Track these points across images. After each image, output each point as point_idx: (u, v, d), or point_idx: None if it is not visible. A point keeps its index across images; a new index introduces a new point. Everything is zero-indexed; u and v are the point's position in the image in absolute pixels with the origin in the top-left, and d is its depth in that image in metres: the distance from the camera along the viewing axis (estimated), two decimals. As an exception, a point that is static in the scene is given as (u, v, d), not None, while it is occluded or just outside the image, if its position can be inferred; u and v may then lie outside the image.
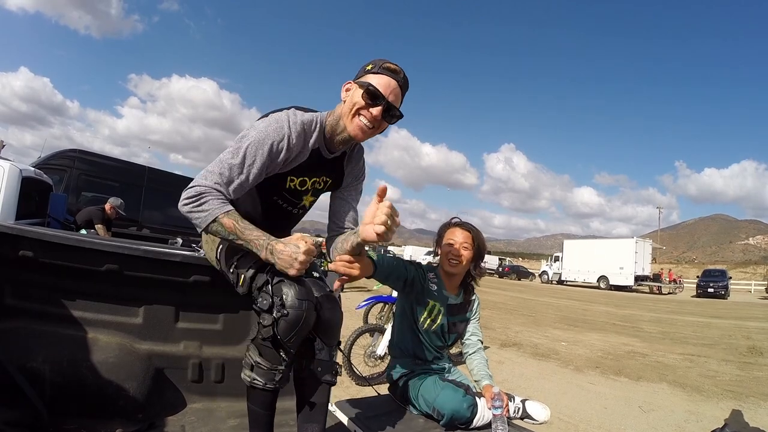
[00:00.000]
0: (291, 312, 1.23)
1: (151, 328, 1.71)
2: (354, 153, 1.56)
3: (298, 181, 1.43)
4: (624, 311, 13.08)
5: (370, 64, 1.36)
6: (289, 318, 1.23)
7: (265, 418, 1.38)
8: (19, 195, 4.06)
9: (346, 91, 1.37)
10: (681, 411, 3.75)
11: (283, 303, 1.23)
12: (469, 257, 1.94)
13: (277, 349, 1.29)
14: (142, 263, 1.64)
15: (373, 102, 1.31)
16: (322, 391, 1.41)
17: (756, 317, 12.64)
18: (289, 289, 1.25)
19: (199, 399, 1.73)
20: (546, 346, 6.34)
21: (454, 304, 2.00)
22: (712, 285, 23.24)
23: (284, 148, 1.30)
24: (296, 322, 1.24)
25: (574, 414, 3.50)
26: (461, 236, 1.95)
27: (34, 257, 1.52)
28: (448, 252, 1.94)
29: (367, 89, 1.30)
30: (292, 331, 1.24)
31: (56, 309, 1.60)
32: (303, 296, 1.26)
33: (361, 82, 1.33)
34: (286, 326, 1.23)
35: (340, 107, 1.39)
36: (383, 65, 1.34)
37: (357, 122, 1.34)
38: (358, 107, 1.33)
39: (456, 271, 1.95)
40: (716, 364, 5.77)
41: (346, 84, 1.38)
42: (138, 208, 7.38)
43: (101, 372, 1.54)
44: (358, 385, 3.50)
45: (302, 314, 1.24)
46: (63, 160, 6.90)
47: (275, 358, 1.30)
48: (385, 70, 1.33)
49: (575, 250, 30.42)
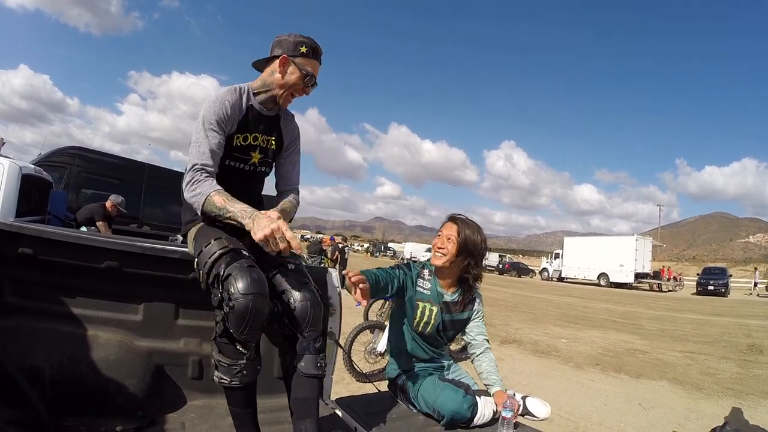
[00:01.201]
0: (236, 305, 1.24)
1: (151, 326, 1.71)
2: (286, 114, 1.72)
3: (242, 137, 1.56)
4: (624, 308, 13.10)
5: (302, 45, 1.52)
6: (236, 310, 1.24)
7: (245, 415, 1.38)
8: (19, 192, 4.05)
9: (282, 65, 1.52)
10: (681, 408, 3.76)
11: (230, 296, 1.25)
12: (453, 251, 1.88)
13: (233, 343, 1.30)
14: (142, 260, 1.64)
15: (306, 84, 1.55)
16: (310, 386, 1.40)
17: (756, 315, 12.64)
18: (237, 281, 1.25)
19: (199, 396, 1.73)
20: (546, 343, 6.34)
21: (450, 301, 1.95)
22: (713, 283, 23.24)
23: (227, 108, 1.47)
24: (242, 315, 1.24)
25: (574, 411, 3.50)
26: (448, 228, 1.92)
27: (33, 254, 1.52)
28: (434, 244, 1.94)
29: (306, 76, 1.53)
30: (242, 323, 1.25)
31: (56, 306, 1.60)
32: (249, 289, 1.25)
33: (299, 65, 1.52)
34: (234, 320, 1.25)
35: (270, 75, 1.55)
36: (315, 49, 1.54)
37: (289, 98, 1.58)
38: (294, 88, 1.55)
39: (439, 263, 1.90)
40: (716, 362, 5.78)
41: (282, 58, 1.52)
42: (138, 205, 7.36)
43: (101, 369, 1.54)
44: (359, 381, 3.50)
45: (247, 306, 1.23)
46: (63, 158, 6.88)
47: (234, 354, 1.31)
48: (316, 56, 1.55)
49: (575, 247, 30.43)
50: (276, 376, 1.89)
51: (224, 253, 1.33)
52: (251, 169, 1.63)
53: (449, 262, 1.89)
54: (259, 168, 1.65)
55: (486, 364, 1.92)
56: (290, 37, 1.53)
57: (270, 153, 1.66)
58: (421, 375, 1.89)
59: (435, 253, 1.91)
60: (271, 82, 1.56)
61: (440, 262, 1.90)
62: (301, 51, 1.51)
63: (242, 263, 1.30)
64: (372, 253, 56.04)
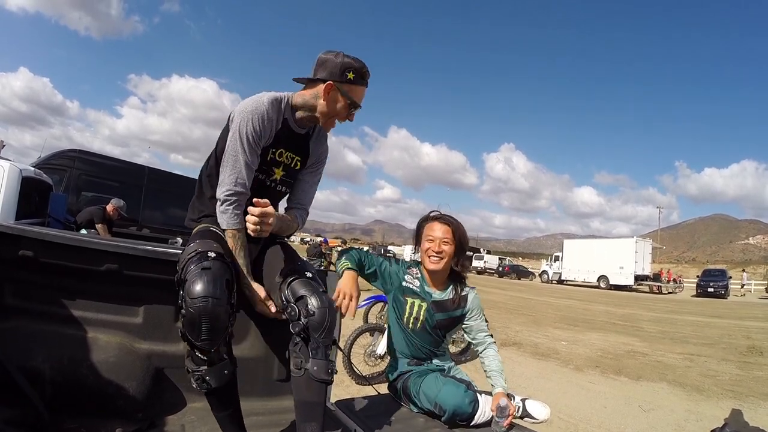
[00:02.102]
0: (188, 312, 1.23)
1: (151, 328, 1.71)
2: (319, 134, 1.68)
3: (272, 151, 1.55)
4: (624, 311, 13.09)
5: (350, 71, 1.45)
6: (187, 318, 1.23)
7: (224, 418, 1.38)
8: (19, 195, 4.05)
9: (327, 92, 1.46)
10: (681, 410, 3.75)
11: (185, 299, 1.24)
12: (451, 252, 1.85)
13: (193, 350, 1.29)
14: (142, 263, 1.64)
15: (351, 113, 1.52)
16: (319, 390, 1.37)
17: (756, 317, 12.64)
18: (189, 287, 1.24)
19: (199, 398, 1.73)
20: (546, 346, 6.34)
21: (440, 300, 1.91)
22: (712, 285, 23.24)
23: (265, 121, 1.44)
24: (193, 320, 1.22)
25: (574, 413, 3.50)
26: (441, 231, 1.86)
27: (34, 257, 1.52)
28: (428, 249, 1.86)
29: (352, 105, 1.49)
30: (193, 330, 1.23)
31: (56, 308, 1.60)
32: (196, 293, 1.22)
33: (345, 94, 1.46)
34: (187, 326, 1.24)
35: (314, 99, 1.50)
36: (363, 74, 1.48)
37: (332, 124, 1.55)
38: (341, 117, 1.52)
39: (437, 268, 1.85)
40: (716, 364, 5.77)
41: (328, 85, 1.46)
42: (138, 207, 7.37)
43: (101, 371, 1.54)
44: (359, 384, 3.50)
45: (197, 312, 1.21)
46: (63, 160, 6.90)
47: (198, 360, 1.30)
48: (363, 81, 1.49)
49: (575, 249, 30.42)
50: (276, 379, 1.89)
51: (192, 257, 1.31)
52: (272, 185, 1.61)
53: (447, 264, 1.87)
54: (278, 186, 1.64)
55: (492, 363, 1.90)
56: (337, 59, 1.44)
57: (292, 172, 1.64)
58: (421, 374, 1.89)
59: (430, 258, 1.85)
60: (313, 106, 1.51)
61: (440, 266, 1.85)
62: (348, 78, 1.45)
63: (198, 266, 1.27)
64: (372, 256, 55.95)
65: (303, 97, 1.52)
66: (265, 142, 1.49)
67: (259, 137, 1.44)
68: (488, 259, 41.96)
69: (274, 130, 1.49)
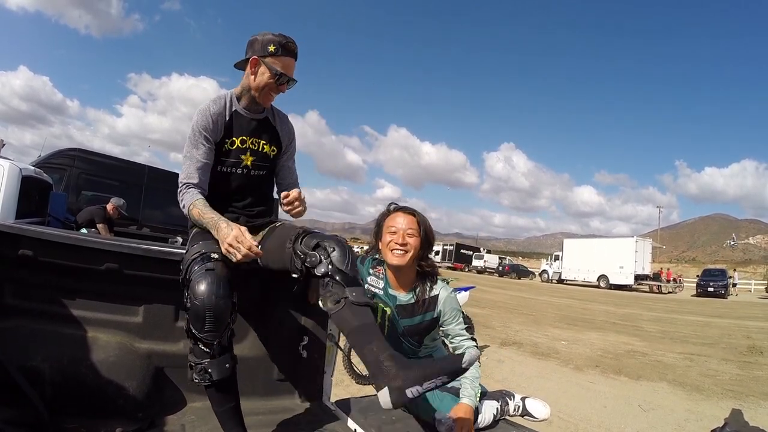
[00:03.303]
0: (191, 307, 1.31)
1: (151, 327, 1.71)
2: (278, 115, 1.77)
3: (229, 142, 1.61)
4: (624, 310, 13.09)
5: (271, 44, 1.53)
6: (191, 312, 1.31)
7: (223, 413, 1.40)
8: (19, 194, 4.05)
9: (252, 66, 1.57)
10: (681, 410, 3.76)
11: (191, 297, 1.32)
12: (416, 245, 1.66)
13: (197, 343, 1.34)
14: (142, 262, 1.64)
15: (279, 83, 1.58)
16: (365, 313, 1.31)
17: (756, 317, 12.64)
18: (195, 286, 1.32)
19: (199, 398, 1.73)
20: (546, 345, 6.34)
21: (405, 303, 1.72)
22: (712, 284, 23.24)
23: (209, 117, 1.54)
24: (196, 314, 1.30)
25: (573, 413, 3.50)
26: (404, 222, 1.68)
27: (33, 256, 1.52)
28: (390, 241, 1.66)
29: (276, 75, 1.55)
30: (198, 321, 1.30)
31: (56, 308, 1.60)
32: (204, 293, 1.30)
33: (269, 65, 1.54)
34: (191, 319, 1.32)
35: (246, 78, 1.60)
36: (285, 46, 1.55)
37: (266, 96, 1.61)
38: (268, 88, 1.58)
39: (402, 262, 1.65)
40: (716, 364, 5.78)
41: (252, 60, 1.56)
42: (138, 206, 7.36)
43: (101, 371, 1.54)
44: (358, 384, 3.50)
45: (201, 307, 1.29)
46: (63, 159, 6.89)
47: (200, 353, 1.35)
48: (286, 52, 1.55)
49: (575, 249, 30.41)
50: (275, 378, 1.89)
51: (195, 258, 1.39)
52: (245, 172, 1.66)
53: (413, 258, 1.68)
54: (253, 171, 1.68)
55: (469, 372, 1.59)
56: (260, 37, 1.55)
57: (264, 156, 1.70)
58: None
59: (394, 251, 1.65)
60: (246, 85, 1.61)
61: (404, 260, 1.65)
62: (270, 50, 1.54)
63: (201, 267, 1.35)
64: (372, 255, 55.94)
65: (240, 83, 1.64)
66: (217, 136, 1.58)
67: (205, 131, 1.54)
68: (488, 258, 41.96)
69: (222, 124, 1.59)
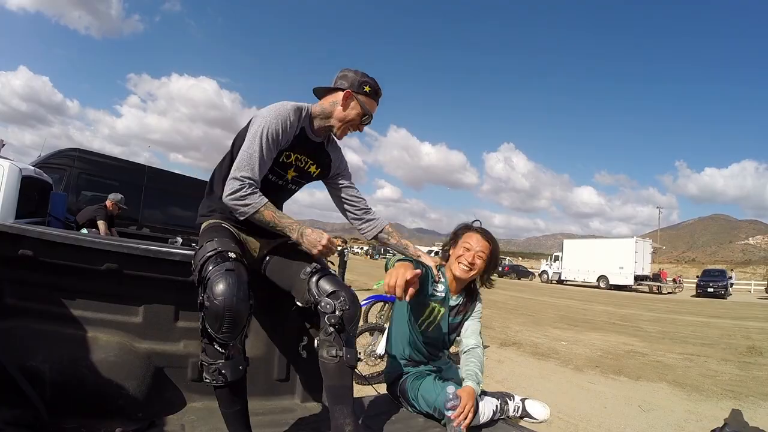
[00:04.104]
0: (210, 306, 1.30)
1: (151, 327, 1.71)
2: (333, 143, 1.80)
3: (285, 155, 1.62)
4: (624, 311, 13.09)
5: (367, 85, 1.60)
6: (209, 312, 1.30)
7: (232, 415, 1.40)
8: (19, 194, 4.05)
9: (345, 99, 1.59)
10: (680, 410, 3.75)
11: (209, 296, 1.31)
12: (481, 267, 1.87)
13: (212, 343, 1.34)
14: (142, 262, 1.64)
15: (363, 122, 1.64)
16: (348, 375, 1.48)
17: (756, 317, 12.64)
18: (214, 285, 1.31)
19: (199, 398, 1.73)
20: (546, 346, 6.34)
21: (454, 305, 1.95)
22: (712, 285, 23.25)
23: (287, 126, 1.53)
24: (215, 316, 1.29)
25: (573, 413, 3.50)
26: (479, 244, 1.87)
27: (34, 256, 1.52)
28: (461, 256, 1.87)
29: (365, 114, 1.62)
30: (215, 324, 1.30)
31: (56, 308, 1.60)
32: (223, 292, 1.30)
33: (361, 103, 1.60)
34: (209, 320, 1.31)
35: (331, 106, 1.61)
36: (377, 92, 1.63)
37: (346, 130, 1.65)
38: (352, 123, 1.62)
39: (465, 276, 1.87)
40: (716, 364, 5.78)
41: (347, 93, 1.59)
42: (138, 207, 7.37)
43: (101, 371, 1.54)
44: (358, 384, 3.49)
45: (220, 308, 1.29)
46: (63, 159, 6.89)
47: (213, 353, 1.35)
48: (376, 97, 1.64)
49: (575, 249, 30.42)
50: (276, 379, 1.89)
51: (212, 256, 1.39)
52: (283, 184, 1.70)
53: (474, 276, 1.89)
54: (290, 185, 1.73)
55: (466, 361, 1.86)
56: (357, 75, 1.60)
57: (306, 175, 1.74)
58: (419, 376, 1.88)
59: (461, 266, 1.85)
60: (330, 112, 1.62)
61: (467, 276, 1.87)
62: (365, 90, 1.60)
63: (221, 267, 1.36)
64: (371, 256, 56.01)
65: (321, 105, 1.64)
66: (283, 145, 1.57)
67: (277, 138, 1.51)
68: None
69: (292, 135, 1.58)
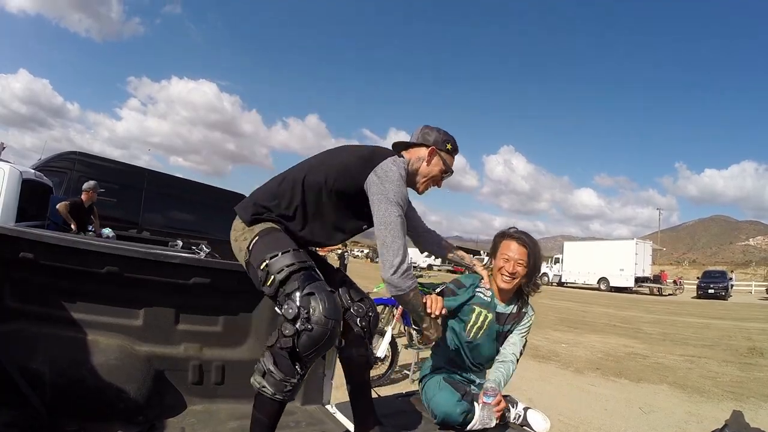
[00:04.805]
0: (316, 328, 1.25)
1: (151, 330, 1.71)
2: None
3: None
4: (624, 313, 13.08)
5: (449, 143, 1.64)
6: (313, 334, 1.25)
7: (269, 428, 1.36)
8: (19, 197, 4.06)
9: (430, 155, 1.61)
10: (681, 412, 3.75)
11: (309, 317, 1.25)
12: (524, 273, 1.86)
13: (294, 361, 1.28)
14: (142, 265, 1.65)
15: (444, 178, 1.68)
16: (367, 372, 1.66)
17: (756, 318, 12.63)
18: (318, 303, 1.26)
19: (199, 401, 1.73)
20: (546, 348, 6.33)
21: (503, 312, 1.92)
22: (713, 286, 23.22)
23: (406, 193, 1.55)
24: (319, 340, 1.26)
25: (574, 415, 3.49)
26: (517, 252, 1.85)
27: (34, 259, 1.53)
28: (502, 268, 1.86)
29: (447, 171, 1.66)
30: (314, 347, 1.26)
31: (57, 311, 1.60)
32: (331, 314, 1.27)
33: (444, 159, 1.64)
34: (308, 341, 1.26)
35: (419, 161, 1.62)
36: (456, 148, 1.68)
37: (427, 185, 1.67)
38: (433, 179, 1.66)
39: (508, 287, 1.87)
40: (717, 365, 5.77)
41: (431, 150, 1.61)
42: (138, 210, 7.37)
43: (102, 374, 1.54)
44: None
45: (326, 332, 1.26)
46: (63, 163, 6.90)
47: (289, 370, 1.29)
48: (455, 153, 1.68)
49: (575, 251, 30.39)
50: (276, 380, 1.89)
51: (302, 268, 1.34)
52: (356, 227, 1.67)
53: (518, 284, 1.89)
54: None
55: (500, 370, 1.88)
56: (440, 133, 1.64)
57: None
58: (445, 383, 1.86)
59: (503, 277, 1.86)
60: (416, 168, 1.62)
61: (510, 286, 1.87)
62: (447, 147, 1.64)
63: (323, 285, 1.34)
64: (372, 259, 55.93)
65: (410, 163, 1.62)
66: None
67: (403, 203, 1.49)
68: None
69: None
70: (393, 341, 3.82)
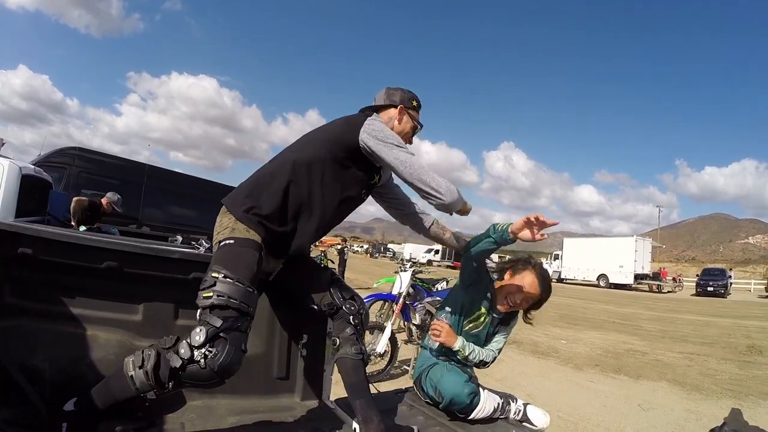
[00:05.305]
0: (207, 370, 1.24)
1: (150, 326, 1.71)
2: None
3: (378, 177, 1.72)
4: (624, 309, 13.11)
5: (414, 100, 1.72)
6: (202, 373, 1.24)
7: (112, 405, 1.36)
8: (19, 193, 4.05)
9: (400, 114, 1.69)
10: (680, 409, 3.76)
11: (208, 356, 1.24)
12: (525, 307, 1.96)
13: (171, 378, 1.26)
14: (141, 260, 1.64)
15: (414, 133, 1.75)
16: (363, 368, 1.60)
17: (755, 316, 12.65)
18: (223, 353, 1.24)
19: (198, 396, 1.73)
20: (546, 344, 6.35)
21: (496, 317, 2.00)
22: (712, 284, 23.25)
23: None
24: (203, 379, 1.26)
25: (573, 412, 3.50)
26: (531, 287, 1.90)
27: (33, 255, 1.52)
28: (509, 293, 1.92)
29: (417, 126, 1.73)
30: (195, 381, 1.27)
31: (56, 306, 1.59)
32: (225, 370, 1.25)
33: (413, 116, 1.71)
34: (194, 374, 1.25)
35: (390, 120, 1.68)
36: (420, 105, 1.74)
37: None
38: (407, 137, 1.71)
39: (505, 311, 1.96)
40: (716, 363, 5.78)
41: (400, 108, 1.69)
42: (138, 205, 7.36)
43: (101, 369, 1.54)
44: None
45: (213, 378, 1.25)
46: (63, 158, 6.89)
47: (161, 383, 1.27)
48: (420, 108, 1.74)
49: (575, 248, 30.42)
50: (275, 377, 1.89)
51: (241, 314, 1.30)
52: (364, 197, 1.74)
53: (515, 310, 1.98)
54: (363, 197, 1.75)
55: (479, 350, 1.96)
56: (404, 92, 1.71)
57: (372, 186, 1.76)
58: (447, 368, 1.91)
59: (506, 301, 1.92)
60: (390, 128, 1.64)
61: (506, 311, 1.96)
62: (413, 104, 1.71)
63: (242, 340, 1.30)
64: (371, 255, 55.99)
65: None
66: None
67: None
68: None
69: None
70: (393, 337, 3.83)
